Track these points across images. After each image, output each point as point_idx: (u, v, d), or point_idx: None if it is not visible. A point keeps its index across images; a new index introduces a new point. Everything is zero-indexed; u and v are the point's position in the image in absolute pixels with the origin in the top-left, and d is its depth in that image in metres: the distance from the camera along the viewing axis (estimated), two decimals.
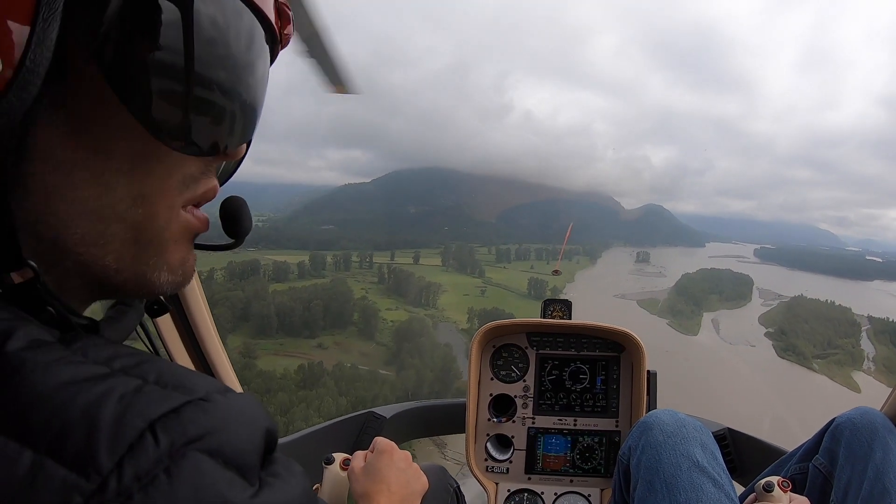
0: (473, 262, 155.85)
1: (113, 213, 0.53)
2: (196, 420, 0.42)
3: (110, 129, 0.51)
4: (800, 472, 1.66)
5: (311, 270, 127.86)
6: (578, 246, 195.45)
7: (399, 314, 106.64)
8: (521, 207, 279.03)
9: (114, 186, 0.52)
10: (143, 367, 0.45)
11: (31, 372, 0.40)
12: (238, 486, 0.43)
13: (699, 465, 1.42)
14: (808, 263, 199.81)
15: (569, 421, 2.26)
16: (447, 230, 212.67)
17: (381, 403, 2.61)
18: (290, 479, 0.50)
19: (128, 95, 0.50)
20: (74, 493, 0.36)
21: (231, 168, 0.78)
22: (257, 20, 0.62)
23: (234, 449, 0.44)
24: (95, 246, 0.53)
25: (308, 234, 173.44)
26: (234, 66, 0.59)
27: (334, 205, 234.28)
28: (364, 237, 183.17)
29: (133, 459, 0.37)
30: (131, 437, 0.38)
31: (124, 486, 0.37)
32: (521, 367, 2.31)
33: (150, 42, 0.50)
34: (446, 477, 1.56)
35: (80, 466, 0.36)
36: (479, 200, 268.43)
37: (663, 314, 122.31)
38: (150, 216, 0.56)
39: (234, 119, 0.61)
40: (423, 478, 1.31)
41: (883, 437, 1.48)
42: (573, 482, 2.22)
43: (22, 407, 0.38)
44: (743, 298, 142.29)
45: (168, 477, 0.38)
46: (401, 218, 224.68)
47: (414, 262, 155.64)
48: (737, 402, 66.98)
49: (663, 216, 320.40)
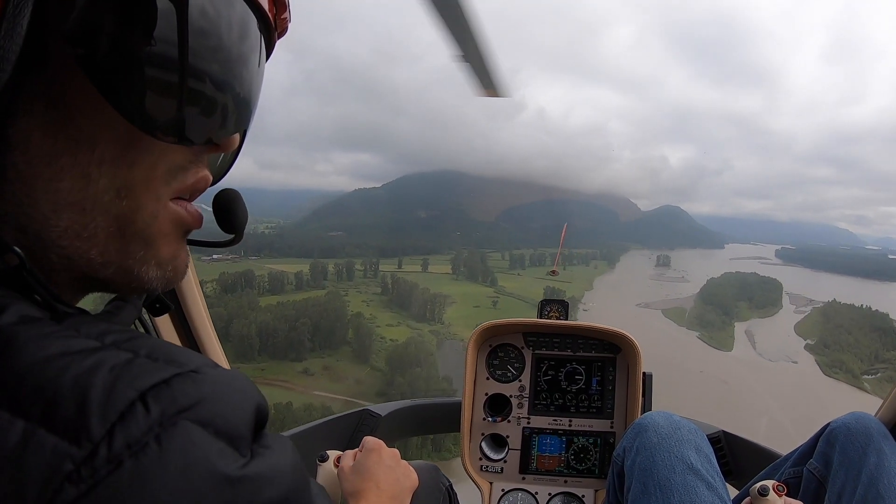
0: (485, 270, 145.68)
1: (96, 205, 0.52)
2: (187, 391, 0.42)
3: (91, 119, 0.49)
4: (794, 477, 1.64)
5: (311, 281, 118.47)
6: (595, 250, 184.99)
7: (400, 331, 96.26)
8: (534, 210, 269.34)
9: (96, 178, 0.51)
10: (134, 342, 0.45)
11: (23, 345, 0.40)
12: (228, 455, 0.43)
13: (693, 467, 1.42)
14: (830, 264, 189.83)
15: (564, 421, 2.26)
16: (459, 235, 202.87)
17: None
18: (280, 451, 0.49)
19: (103, 83, 0.48)
20: (66, 460, 0.36)
21: (227, 162, 0.75)
22: (248, 6, 0.59)
23: (224, 420, 0.43)
24: (79, 239, 0.52)
25: (313, 242, 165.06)
26: (221, 52, 0.56)
27: (344, 210, 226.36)
28: (372, 244, 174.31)
29: (124, 427, 0.37)
30: (122, 406, 0.38)
31: (115, 453, 0.37)
32: (516, 367, 2.32)
33: (125, 27, 0.49)
34: (439, 475, 1.55)
35: (72, 434, 0.36)
36: (491, 204, 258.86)
37: (692, 326, 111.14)
38: (136, 208, 0.54)
39: (222, 108, 0.58)
40: (412, 475, 1.30)
41: (878, 442, 1.48)
42: (567, 483, 2.23)
43: (13, 378, 0.38)
44: (774, 305, 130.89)
45: (158, 445, 0.38)
46: (411, 223, 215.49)
47: (423, 269, 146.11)
48: (797, 436, 55.59)
49: (680, 217, 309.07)
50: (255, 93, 0.63)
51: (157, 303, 0.77)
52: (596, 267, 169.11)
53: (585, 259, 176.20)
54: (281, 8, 0.67)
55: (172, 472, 0.38)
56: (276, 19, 0.66)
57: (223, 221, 0.71)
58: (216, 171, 0.72)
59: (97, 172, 0.51)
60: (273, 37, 0.67)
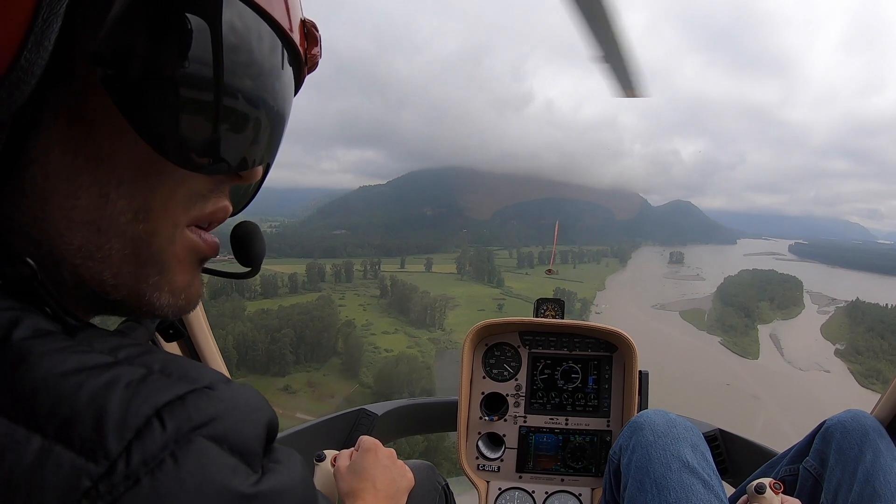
0: (492, 270, 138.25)
1: (112, 226, 0.51)
2: (201, 407, 0.42)
3: (113, 139, 0.49)
4: (790, 474, 1.63)
5: (307, 284, 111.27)
6: (606, 247, 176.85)
7: (396, 340, 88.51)
8: (544, 207, 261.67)
9: (115, 198, 0.50)
10: (147, 357, 0.45)
11: (38, 360, 0.40)
12: (242, 472, 0.43)
13: (689, 465, 1.41)
14: (845, 259, 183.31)
15: (560, 420, 2.25)
16: (465, 232, 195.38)
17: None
18: (290, 466, 0.49)
19: (128, 106, 0.48)
20: (83, 477, 0.36)
21: (249, 193, 0.74)
22: (278, 38, 0.58)
23: (238, 436, 0.44)
24: (92, 259, 0.51)
25: (315, 241, 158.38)
26: (250, 84, 0.55)
27: (348, 208, 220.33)
28: (375, 242, 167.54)
29: (141, 444, 0.38)
30: (139, 422, 0.38)
31: (132, 469, 0.37)
32: (513, 366, 2.30)
33: (153, 50, 0.48)
34: (434, 475, 1.57)
35: (89, 451, 0.37)
36: (499, 200, 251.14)
37: (713, 329, 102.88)
38: (152, 232, 0.53)
39: (248, 140, 0.58)
40: (408, 474, 1.30)
41: (873, 440, 1.47)
42: (564, 481, 2.22)
43: (29, 394, 0.38)
44: (795, 305, 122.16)
45: (174, 462, 0.39)
46: (417, 220, 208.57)
47: (426, 269, 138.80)
48: None
49: (691, 213, 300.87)
50: (283, 127, 0.63)
51: (170, 328, 0.79)
52: (607, 265, 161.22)
53: (597, 256, 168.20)
54: (312, 42, 0.65)
55: (188, 489, 0.39)
56: (306, 54, 0.64)
57: (239, 253, 0.71)
58: (237, 200, 0.71)
59: (116, 193, 0.50)
60: (303, 71, 0.66)
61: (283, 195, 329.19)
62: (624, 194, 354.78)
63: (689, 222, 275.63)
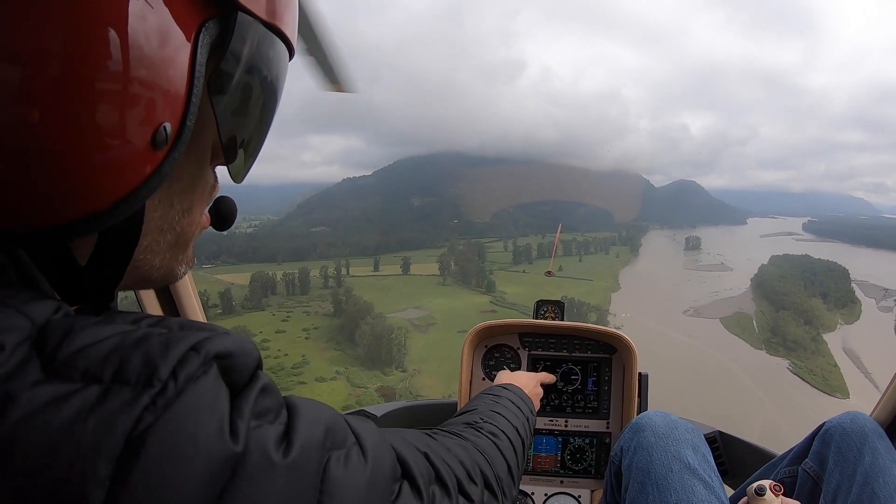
0: (481, 270, 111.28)
1: (169, 225, 0.59)
2: (220, 344, 0.48)
3: (186, 156, 0.54)
4: (789, 476, 1.62)
5: (249, 300, 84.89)
6: (614, 234, 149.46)
7: (333, 392, 60.06)
8: (541, 191, 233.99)
9: (174, 204, 0.58)
10: (163, 322, 0.51)
11: (80, 330, 0.44)
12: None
13: (690, 466, 1.41)
14: (866, 237, 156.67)
15: (560, 422, 2.22)
16: (456, 223, 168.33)
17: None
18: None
19: (225, 135, 0.57)
20: (143, 396, 0.41)
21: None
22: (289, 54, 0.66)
23: (241, 374, 0.50)
24: (151, 253, 0.59)
25: (281, 242, 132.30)
26: (277, 104, 0.65)
27: (331, 202, 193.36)
28: (351, 240, 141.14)
29: (183, 368, 0.44)
30: (180, 354, 0.45)
31: (180, 384, 0.43)
32: (512, 368, 2.26)
33: (248, 82, 0.57)
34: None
35: (144, 381, 0.42)
36: (492, 187, 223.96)
37: (774, 348, 75.53)
38: (191, 223, 0.62)
39: (259, 142, 0.67)
40: (539, 391, 1.69)
41: (873, 441, 1.46)
42: (563, 483, 2.20)
43: (79, 357, 0.42)
44: (852, 301, 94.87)
45: (205, 376, 0.45)
46: (403, 213, 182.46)
47: (403, 272, 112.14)
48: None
49: (697, 192, 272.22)
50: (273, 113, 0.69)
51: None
52: (617, 255, 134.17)
53: (604, 245, 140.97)
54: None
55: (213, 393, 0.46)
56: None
57: (219, 224, 0.75)
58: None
59: (175, 200, 0.58)
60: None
61: (270, 192, 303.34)
62: (626, 177, 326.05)
63: (694, 202, 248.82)
